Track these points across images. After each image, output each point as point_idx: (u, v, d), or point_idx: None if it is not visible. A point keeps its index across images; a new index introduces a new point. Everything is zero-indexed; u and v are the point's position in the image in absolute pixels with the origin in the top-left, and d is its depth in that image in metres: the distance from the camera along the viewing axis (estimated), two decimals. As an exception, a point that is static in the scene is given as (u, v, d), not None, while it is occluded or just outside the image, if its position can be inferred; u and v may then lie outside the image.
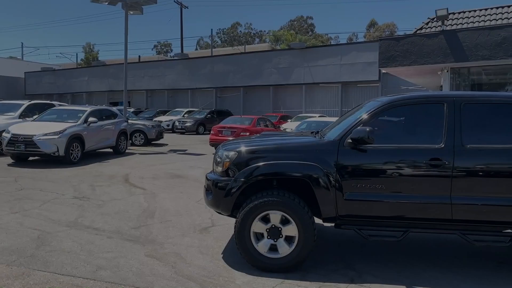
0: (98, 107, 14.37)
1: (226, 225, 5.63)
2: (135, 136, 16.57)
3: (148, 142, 16.73)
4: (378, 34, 58.61)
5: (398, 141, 4.29)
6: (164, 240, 5.03)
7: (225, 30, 77.79)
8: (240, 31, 77.16)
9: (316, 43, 56.34)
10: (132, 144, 16.23)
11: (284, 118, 25.58)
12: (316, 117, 21.02)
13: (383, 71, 20.44)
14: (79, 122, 11.81)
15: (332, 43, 60.91)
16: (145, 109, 33.39)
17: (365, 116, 4.34)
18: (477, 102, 4.22)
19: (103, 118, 13.05)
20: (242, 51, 42.59)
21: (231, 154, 4.41)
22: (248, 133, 14.14)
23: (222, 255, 4.59)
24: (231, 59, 34.04)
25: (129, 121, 15.79)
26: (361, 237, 4.17)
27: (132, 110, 26.59)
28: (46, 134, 10.74)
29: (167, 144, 17.52)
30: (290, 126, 19.64)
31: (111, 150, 13.64)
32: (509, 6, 14.68)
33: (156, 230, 5.42)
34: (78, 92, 41.85)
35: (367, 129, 4.02)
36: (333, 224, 4.35)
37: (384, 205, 4.12)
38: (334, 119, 12.64)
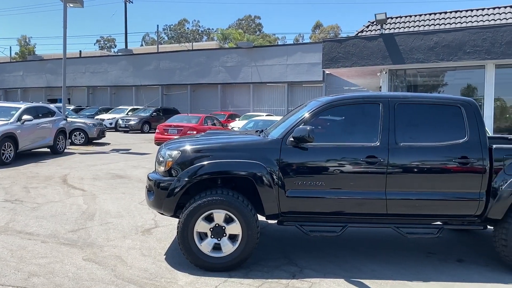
0: (34, 104, 13.51)
1: (170, 225, 5.53)
2: (75, 135, 15.80)
3: (89, 141, 16.01)
4: (323, 35, 60.35)
5: (337, 139, 4.45)
6: (104, 243, 4.84)
7: (171, 27, 76.29)
8: (187, 28, 76.01)
9: (264, 43, 56.93)
10: (72, 144, 15.45)
11: (232, 117, 25.58)
12: (263, 116, 21.26)
13: (327, 72, 21.08)
14: (12, 120, 11.03)
15: (279, 43, 61.84)
16: (86, 106, 31.91)
17: (306, 115, 4.46)
18: (409, 102, 4.48)
19: (39, 116, 12.29)
20: (189, 48, 42.01)
21: (174, 153, 4.35)
22: (195, 132, 13.99)
23: (165, 256, 4.50)
24: (178, 56, 33.48)
25: (69, 119, 15.03)
26: (303, 233, 4.28)
27: (72, 107, 25.33)
28: (-27, 133, 9.93)
29: (110, 143, 16.88)
30: (238, 124, 19.68)
31: (49, 150, 12.90)
32: (440, 13, 15.74)
33: (95, 233, 5.20)
34: (12, 88, 39.11)
35: (308, 128, 4.13)
36: (276, 221, 4.43)
37: (324, 201, 4.26)
38: (280, 118, 12.84)
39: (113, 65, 35.29)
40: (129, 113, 26.73)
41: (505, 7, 14.86)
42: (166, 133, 14.56)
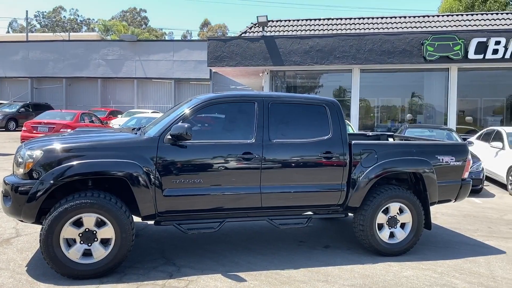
0: None
1: (35, 233, 5.00)
2: None
3: None
4: (211, 34, 60.66)
5: (215, 137, 4.53)
6: None
7: (45, 14, 68.97)
8: (64, 16, 69.53)
9: (150, 37, 55.00)
10: None
11: (114, 114, 24.16)
12: (148, 113, 20.55)
13: (213, 70, 21.27)
14: None
15: (166, 38, 60.36)
16: None
17: (185, 112, 4.43)
18: (281, 102, 4.75)
19: None
20: (65, 38, 38.43)
21: (36, 153, 3.93)
22: (69, 130, 12.83)
23: (26, 268, 4.05)
24: (51, 46, 30.39)
25: None
26: (181, 232, 4.24)
27: None
28: None
29: (-36, 143, 14.58)
30: (120, 122, 18.67)
31: None
32: (315, 19, 17.07)
33: None
34: None
35: (186, 126, 4.11)
36: (153, 222, 4.31)
37: (203, 199, 4.29)
38: (164, 115, 12.52)
39: (-31, 53, 30.52)
40: (-10, 108, 23.42)
41: (368, 18, 16.76)
42: (35, 131, 13.08)
